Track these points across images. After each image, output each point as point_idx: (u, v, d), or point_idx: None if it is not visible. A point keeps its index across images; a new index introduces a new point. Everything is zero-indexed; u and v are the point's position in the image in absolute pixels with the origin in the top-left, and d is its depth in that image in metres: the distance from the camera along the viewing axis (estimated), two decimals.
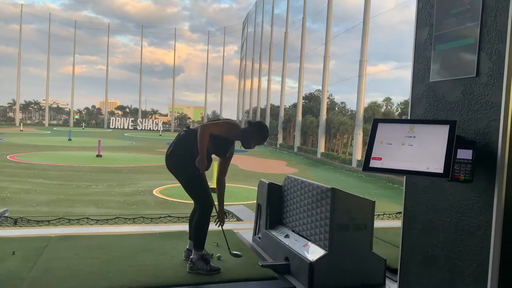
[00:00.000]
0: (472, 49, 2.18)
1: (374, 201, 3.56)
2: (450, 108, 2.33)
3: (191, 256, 3.56)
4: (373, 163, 2.23)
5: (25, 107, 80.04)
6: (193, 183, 3.60)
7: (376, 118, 2.42)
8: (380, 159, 2.22)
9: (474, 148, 2.03)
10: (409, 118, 2.63)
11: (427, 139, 2.16)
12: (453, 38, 2.30)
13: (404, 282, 2.69)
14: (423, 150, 2.14)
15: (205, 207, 3.59)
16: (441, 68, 2.39)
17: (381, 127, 2.33)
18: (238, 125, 3.76)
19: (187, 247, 3.85)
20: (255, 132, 3.72)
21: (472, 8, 2.20)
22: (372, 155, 2.25)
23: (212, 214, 3.66)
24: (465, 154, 2.02)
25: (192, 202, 3.79)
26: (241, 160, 21.69)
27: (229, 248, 3.77)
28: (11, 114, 77.38)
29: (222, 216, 3.88)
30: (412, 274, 2.62)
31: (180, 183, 3.69)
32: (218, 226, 3.85)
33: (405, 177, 2.62)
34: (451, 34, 2.31)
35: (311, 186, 3.69)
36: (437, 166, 2.05)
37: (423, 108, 2.52)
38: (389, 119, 2.81)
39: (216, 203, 3.73)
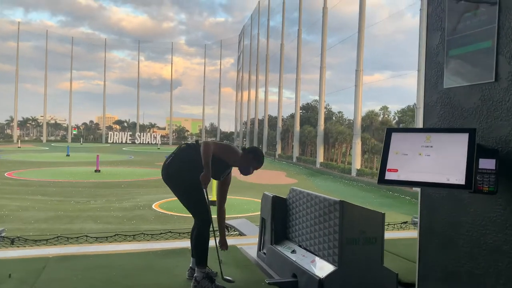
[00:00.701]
0: (489, 52, 2.07)
1: (384, 214, 3.43)
2: (467, 116, 2.20)
3: (195, 275, 3.42)
4: (389, 175, 2.10)
5: (23, 123, 79.71)
6: (191, 194, 3.50)
7: (389, 128, 2.30)
8: (396, 171, 2.09)
9: (497, 157, 1.91)
10: (422, 126, 2.51)
11: (445, 148, 2.03)
12: (468, 42, 2.19)
13: None
14: (442, 161, 2.00)
15: (203, 220, 3.50)
16: (455, 74, 2.27)
17: (395, 137, 2.20)
18: (238, 151, 3.72)
19: (190, 265, 3.71)
20: (252, 157, 3.69)
21: (487, 10, 2.09)
22: (387, 167, 2.11)
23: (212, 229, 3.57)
24: (487, 163, 1.90)
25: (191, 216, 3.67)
26: None
27: (221, 273, 3.62)
28: (8, 131, 77.07)
29: (225, 241, 3.89)
30: None
31: (176, 193, 3.59)
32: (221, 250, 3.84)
33: (420, 188, 2.49)
34: (465, 38, 2.20)
35: (317, 199, 3.56)
36: (458, 177, 1.92)
37: (437, 116, 2.39)
38: (403, 128, 2.70)
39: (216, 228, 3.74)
